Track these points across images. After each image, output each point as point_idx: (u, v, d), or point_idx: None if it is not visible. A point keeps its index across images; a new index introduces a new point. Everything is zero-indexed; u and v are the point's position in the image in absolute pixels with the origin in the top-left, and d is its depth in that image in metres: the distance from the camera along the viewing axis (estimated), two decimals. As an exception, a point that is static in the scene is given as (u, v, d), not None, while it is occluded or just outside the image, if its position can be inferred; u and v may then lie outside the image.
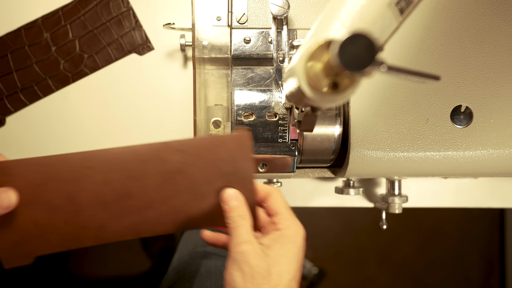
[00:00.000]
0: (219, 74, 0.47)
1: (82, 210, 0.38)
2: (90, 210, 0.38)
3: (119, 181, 0.38)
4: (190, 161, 0.38)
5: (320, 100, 0.26)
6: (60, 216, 0.38)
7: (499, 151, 0.44)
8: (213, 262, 0.63)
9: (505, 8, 0.43)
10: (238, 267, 0.37)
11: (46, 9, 0.62)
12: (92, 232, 0.39)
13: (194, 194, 0.40)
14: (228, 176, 0.39)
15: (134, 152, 0.38)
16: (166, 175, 0.38)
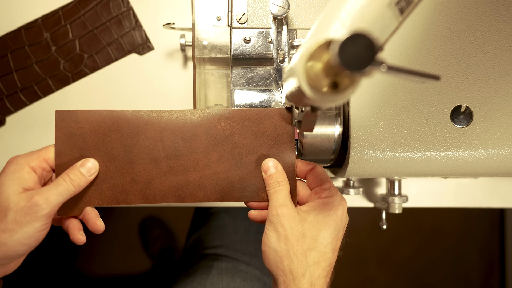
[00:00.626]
0: (219, 74, 0.47)
1: (135, 163, 0.42)
2: (142, 163, 0.42)
3: (171, 139, 0.42)
4: (235, 130, 0.42)
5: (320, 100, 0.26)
6: (115, 166, 0.41)
7: (499, 151, 0.44)
8: (224, 264, 0.63)
9: (505, 8, 0.43)
10: (273, 228, 0.39)
11: (46, 9, 0.62)
12: (140, 187, 0.42)
13: (237, 163, 0.43)
14: (270, 148, 0.43)
15: (188, 114, 0.43)
16: (212, 140, 0.42)
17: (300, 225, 0.38)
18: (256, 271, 0.64)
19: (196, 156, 0.42)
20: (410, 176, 0.49)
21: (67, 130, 0.41)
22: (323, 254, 0.38)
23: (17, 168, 0.37)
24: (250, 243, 0.68)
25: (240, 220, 0.71)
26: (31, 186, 0.37)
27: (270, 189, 0.41)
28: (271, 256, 0.39)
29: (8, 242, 0.35)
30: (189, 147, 0.42)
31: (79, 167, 0.39)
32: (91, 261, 1.36)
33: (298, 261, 0.38)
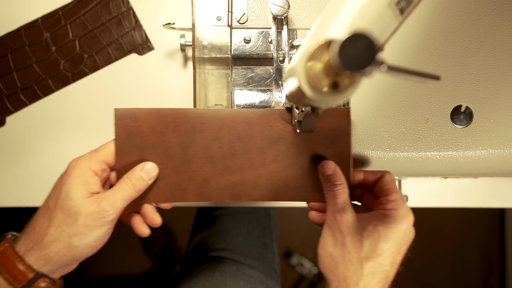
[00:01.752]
0: (219, 74, 0.47)
1: (192, 161, 0.42)
2: (198, 162, 0.42)
3: (227, 139, 0.42)
4: (290, 130, 0.42)
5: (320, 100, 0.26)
6: (172, 164, 0.42)
7: (499, 151, 0.44)
8: (227, 267, 0.63)
9: (505, 8, 0.43)
10: (331, 232, 0.38)
11: (46, 9, 0.62)
12: (196, 185, 0.42)
13: (291, 163, 0.43)
14: (325, 148, 0.42)
15: (243, 114, 0.42)
16: (267, 139, 0.42)
17: (358, 233, 0.37)
18: (259, 274, 0.64)
19: (251, 156, 0.42)
20: (410, 176, 0.49)
21: (126, 128, 0.41)
22: (380, 266, 0.37)
23: (81, 172, 0.38)
24: (253, 246, 0.68)
25: (243, 224, 0.71)
26: (96, 190, 0.38)
27: (328, 192, 0.40)
28: (326, 260, 0.38)
29: (79, 245, 0.37)
30: (244, 147, 0.42)
31: (139, 171, 0.40)
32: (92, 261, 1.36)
33: (354, 268, 0.37)
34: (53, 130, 0.64)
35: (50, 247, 0.36)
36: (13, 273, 0.36)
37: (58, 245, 0.36)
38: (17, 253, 0.37)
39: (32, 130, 0.64)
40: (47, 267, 0.37)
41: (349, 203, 0.39)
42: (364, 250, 0.37)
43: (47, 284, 0.37)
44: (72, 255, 0.37)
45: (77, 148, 0.64)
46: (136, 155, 0.41)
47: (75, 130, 0.64)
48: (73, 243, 0.36)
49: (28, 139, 0.64)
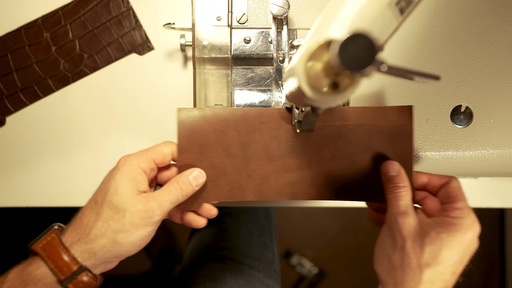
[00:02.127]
0: (219, 74, 0.47)
1: (251, 160, 0.42)
2: (257, 161, 0.42)
3: (285, 138, 0.42)
4: (349, 128, 0.42)
5: (320, 100, 0.26)
6: (232, 162, 0.42)
7: (499, 151, 0.44)
8: (227, 266, 0.63)
9: (505, 8, 0.43)
10: (391, 234, 0.37)
11: (46, 9, 0.62)
12: (255, 183, 0.42)
13: (350, 162, 0.42)
14: (386, 147, 0.41)
15: None
16: (325, 138, 0.42)
17: (420, 238, 0.36)
18: (259, 274, 0.64)
19: (309, 154, 0.42)
20: (410, 176, 0.49)
21: (188, 127, 0.41)
22: (441, 274, 0.36)
23: (130, 169, 0.38)
24: (253, 246, 0.68)
25: (243, 223, 0.71)
26: (143, 189, 0.38)
27: (390, 194, 0.39)
28: (383, 262, 0.38)
29: (124, 242, 0.37)
30: (302, 145, 0.42)
31: (188, 176, 0.40)
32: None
33: (412, 274, 0.36)
34: (53, 130, 0.64)
35: (96, 241, 0.36)
36: (58, 263, 0.36)
37: (103, 240, 0.36)
38: (64, 244, 0.36)
39: (32, 130, 0.64)
40: (91, 261, 0.36)
41: (412, 206, 0.38)
42: (425, 256, 0.36)
43: (89, 279, 0.37)
44: (115, 251, 0.37)
45: (77, 148, 0.64)
46: (197, 153, 0.41)
47: (75, 130, 0.64)
48: (118, 239, 0.36)
49: (28, 139, 0.64)
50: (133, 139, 0.64)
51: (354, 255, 1.44)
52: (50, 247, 0.36)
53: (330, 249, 1.47)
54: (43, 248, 0.36)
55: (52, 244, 0.36)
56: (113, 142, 0.64)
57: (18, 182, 0.64)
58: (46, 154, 0.64)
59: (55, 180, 0.64)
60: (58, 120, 0.63)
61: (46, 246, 0.36)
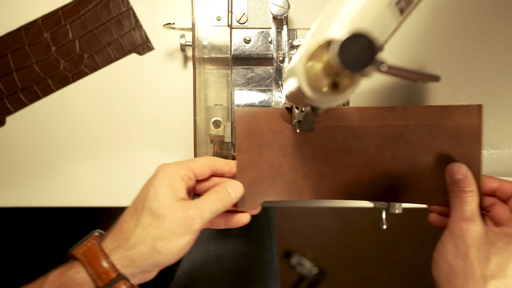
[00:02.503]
0: (219, 74, 0.47)
1: (307, 159, 0.42)
2: (314, 160, 0.42)
3: (342, 137, 0.41)
4: (411, 128, 0.40)
5: (320, 100, 0.26)
6: (289, 162, 0.42)
7: (499, 151, 0.44)
8: (227, 266, 0.63)
9: (505, 8, 0.43)
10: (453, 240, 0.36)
11: (46, 9, 0.62)
12: (312, 182, 0.42)
13: (412, 163, 0.40)
14: (451, 148, 0.39)
15: (359, 112, 0.41)
16: (385, 138, 0.41)
17: (486, 247, 0.34)
18: (258, 274, 0.64)
19: (367, 155, 0.41)
20: (410, 176, 0.49)
21: (247, 127, 0.41)
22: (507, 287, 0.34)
23: (169, 175, 0.38)
24: (252, 246, 0.68)
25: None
26: (182, 196, 0.38)
27: (455, 198, 0.37)
28: (443, 268, 0.36)
29: (163, 250, 0.36)
30: (360, 145, 0.41)
31: (228, 188, 0.39)
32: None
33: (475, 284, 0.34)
34: (53, 130, 0.64)
35: (135, 248, 0.36)
36: (97, 269, 0.35)
37: (142, 247, 0.36)
38: (103, 250, 0.36)
39: (32, 130, 0.64)
40: (129, 269, 0.36)
41: (478, 212, 0.36)
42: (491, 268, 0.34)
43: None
44: (154, 259, 0.36)
45: (77, 148, 0.64)
46: (256, 152, 0.42)
47: (75, 130, 0.64)
48: (157, 247, 0.36)
49: (28, 139, 0.64)
50: (133, 139, 0.64)
51: (354, 255, 1.44)
52: (90, 253, 0.36)
53: (330, 249, 1.47)
54: (83, 253, 0.36)
55: (92, 250, 0.36)
56: (113, 142, 0.64)
57: (18, 182, 0.64)
58: (46, 154, 0.64)
59: (55, 180, 0.64)
60: (58, 120, 0.64)
61: (87, 252, 0.36)
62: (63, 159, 0.64)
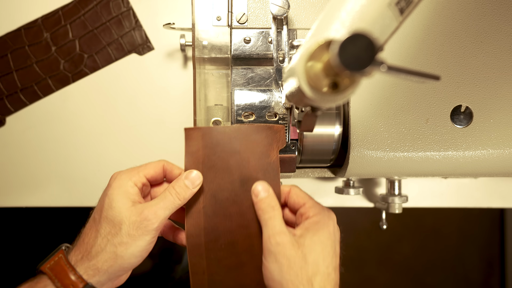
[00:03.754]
0: (219, 74, 0.47)
1: None
2: None
3: None
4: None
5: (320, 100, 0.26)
6: None
7: (499, 151, 0.44)
8: None
9: (505, 8, 0.43)
10: (274, 259, 0.37)
11: (46, 9, 0.62)
12: None
13: None
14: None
15: None
16: None
17: (300, 251, 0.36)
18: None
19: None
20: (410, 176, 0.49)
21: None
22: (327, 276, 0.37)
23: (122, 183, 0.39)
24: None
25: None
26: (137, 200, 0.39)
27: (264, 215, 0.38)
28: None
29: (124, 255, 0.37)
30: None
31: (184, 180, 0.40)
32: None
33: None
34: (53, 130, 0.64)
35: (97, 257, 0.37)
36: (64, 282, 0.36)
37: (104, 255, 0.37)
38: (70, 263, 0.37)
39: (32, 130, 0.63)
40: (96, 278, 0.37)
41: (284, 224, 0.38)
42: (310, 267, 0.36)
43: None
44: (118, 265, 0.37)
45: (77, 148, 0.64)
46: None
47: (75, 130, 0.64)
48: (118, 252, 0.37)
49: (28, 139, 0.64)
50: (133, 139, 0.64)
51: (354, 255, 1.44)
52: (57, 267, 0.37)
53: (330, 249, 1.47)
54: (50, 268, 0.37)
55: (59, 264, 0.37)
56: (113, 142, 0.64)
57: (17, 182, 0.64)
58: (46, 154, 0.64)
59: (55, 180, 0.64)
60: (58, 120, 0.63)
61: (54, 266, 0.37)
62: (63, 159, 0.64)
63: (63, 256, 0.38)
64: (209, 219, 0.41)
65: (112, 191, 0.38)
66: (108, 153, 0.64)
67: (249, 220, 0.41)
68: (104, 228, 0.37)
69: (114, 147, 0.64)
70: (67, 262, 0.37)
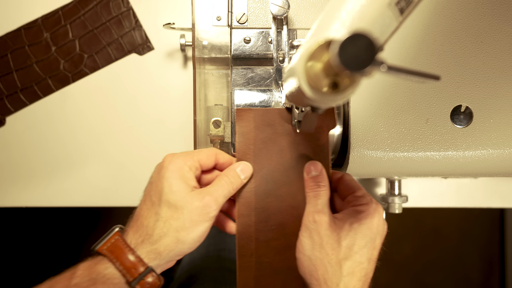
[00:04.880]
0: (219, 74, 0.47)
1: None
2: None
3: None
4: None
5: (320, 100, 0.26)
6: None
7: (499, 151, 0.44)
8: (227, 266, 0.63)
9: (505, 8, 0.43)
10: (309, 234, 0.38)
11: (46, 9, 0.62)
12: None
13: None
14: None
15: None
16: None
17: (335, 233, 0.37)
18: None
19: None
20: (410, 176, 0.49)
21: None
22: (358, 264, 0.37)
23: (178, 167, 0.38)
24: None
25: None
26: (192, 184, 0.38)
27: (310, 192, 0.40)
28: (305, 264, 0.38)
29: (186, 240, 0.37)
30: None
31: (236, 169, 0.40)
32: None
33: (333, 270, 0.36)
34: (53, 130, 0.64)
35: (160, 241, 0.36)
36: (125, 265, 0.36)
37: (167, 240, 0.36)
38: (129, 245, 0.37)
39: (32, 130, 0.63)
40: (156, 262, 0.37)
41: (328, 205, 0.39)
42: (342, 251, 0.37)
43: (154, 280, 0.37)
44: (178, 250, 0.37)
45: (77, 148, 0.64)
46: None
47: (75, 130, 0.64)
48: (180, 237, 0.36)
49: (28, 139, 0.64)
50: (133, 139, 0.64)
51: (354, 255, 1.44)
52: (116, 249, 0.36)
53: (330, 249, 1.47)
54: (108, 250, 0.37)
55: (117, 246, 0.37)
56: (113, 142, 0.64)
57: (18, 182, 0.64)
58: (46, 154, 0.64)
59: (55, 180, 0.64)
60: (58, 120, 0.63)
61: (112, 248, 0.37)
62: (63, 159, 0.64)
63: (120, 237, 0.37)
64: (260, 199, 0.41)
65: (170, 174, 0.38)
66: (108, 153, 0.64)
67: (300, 202, 0.41)
68: (165, 212, 0.37)
69: (114, 147, 0.64)
70: (126, 244, 0.36)
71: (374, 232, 0.38)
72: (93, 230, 1.30)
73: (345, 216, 0.38)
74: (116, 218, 1.37)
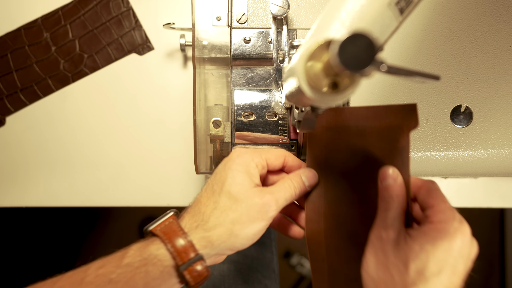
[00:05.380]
0: (219, 74, 0.47)
1: None
2: None
3: None
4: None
5: (320, 100, 0.26)
6: None
7: (499, 151, 0.44)
8: (226, 266, 0.63)
9: (505, 8, 0.43)
10: (374, 251, 0.34)
11: (46, 9, 0.62)
12: None
13: None
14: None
15: None
16: None
17: (403, 254, 0.32)
18: (258, 274, 0.64)
19: None
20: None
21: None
22: None
23: (245, 161, 0.38)
24: (252, 246, 0.68)
25: None
26: (256, 182, 0.38)
27: (382, 203, 0.35)
28: (368, 284, 0.34)
29: (239, 234, 0.36)
30: None
31: (301, 175, 0.39)
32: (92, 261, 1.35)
33: None
34: (53, 130, 0.64)
35: (213, 230, 0.35)
36: (177, 248, 0.35)
37: (220, 230, 0.35)
38: (183, 229, 0.36)
39: (32, 130, 0.63)
40: (206, 250, 0.36)
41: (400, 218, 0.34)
42: (410, 275, 0.32)
43: (202, 268, 0.35)
44: (230, 243, 0.36)
45: (77, 148, 0.64)
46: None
47: (75, 130, 0.64)
48: (234, 230, 0.35)
49: (28, 139, 0.64)
50: (133, 139, 0.64)
51: (354, 255, 1.44)
52: (170, 231, 0.35)
53: (330, 249, 1.46)
54: (162, 231, 0.36)
55: (172, 228, 0.36)
56: (113, 142, 0.64)
57: (18, 182, 0.64)
58: (45, 154, 0.64)
59: (55, 180, 0.64)
60: (58, 120, 0.64)
61: (165, 229, 0.36)
62: (63, 159, 0.64)
63: (174, 220, 0.36)
64: (330, 205, 0.39)
65: (236, 166, 0.37)
66: (108, 153, 0.64)
67: (373, 210, 0.36)
68: (224, 201, 0.36)
69: (114, 147, 0.64)
70: (180, 227, 0.36)
71: (455, 256, 0.32)
72: (92, 230, 1.30)
73: (419, 234, 0.33)
74: (115, 218, 1.37)
